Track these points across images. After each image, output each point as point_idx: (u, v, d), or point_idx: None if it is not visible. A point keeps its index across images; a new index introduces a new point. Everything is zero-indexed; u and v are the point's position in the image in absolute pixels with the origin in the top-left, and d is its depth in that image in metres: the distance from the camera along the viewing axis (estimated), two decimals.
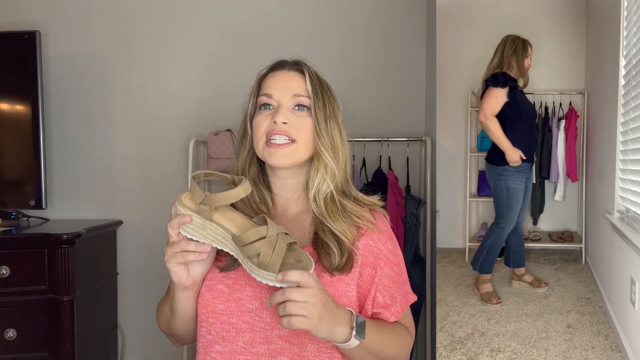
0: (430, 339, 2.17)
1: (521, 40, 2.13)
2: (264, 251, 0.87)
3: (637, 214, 1.70)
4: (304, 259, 0.88)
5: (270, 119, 0.99)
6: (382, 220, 1.06)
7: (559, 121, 2.29)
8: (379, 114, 2.44)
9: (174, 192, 2.42)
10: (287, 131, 0.98)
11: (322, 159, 1.01)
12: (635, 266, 1.65)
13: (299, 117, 1.00)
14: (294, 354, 0.94)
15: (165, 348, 2.40)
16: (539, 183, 2.30)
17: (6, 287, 1.96)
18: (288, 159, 0.99)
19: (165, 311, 1.05)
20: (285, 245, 0.88)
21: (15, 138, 2.25)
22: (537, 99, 2.26)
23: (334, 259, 0.96)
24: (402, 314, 1.04)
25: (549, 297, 2.12)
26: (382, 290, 1.01)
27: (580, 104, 2.30)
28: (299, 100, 1.00)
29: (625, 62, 1.84)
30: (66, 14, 2.49)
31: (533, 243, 2.32)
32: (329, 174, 1.01)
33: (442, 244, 2.29)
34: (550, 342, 1.84)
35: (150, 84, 2.50)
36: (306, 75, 1.02)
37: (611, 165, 1.94)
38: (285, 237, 0.90)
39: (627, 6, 1.83)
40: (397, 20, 2.45)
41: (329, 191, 1.01)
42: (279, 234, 0.89)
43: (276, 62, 1.06)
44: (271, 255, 0.86)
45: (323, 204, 1.01)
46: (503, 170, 2.11)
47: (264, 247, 0.87)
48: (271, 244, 0.87)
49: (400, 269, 1.06)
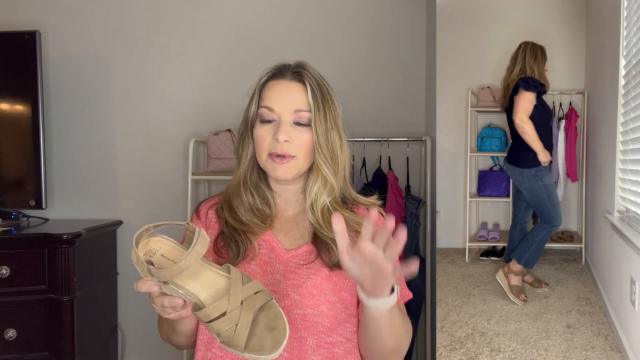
0: (430, 339, 2.16)
1: (539, 47, 2.19)
2: (225, 330, 0.79)
3: (637, 214, 1.70)
4: (278, 324, 0.80)
5: (272, 135, 0.99)
6: (379, 219, 1.06)
7: (559, 121, 2.29)
8: (379, 114, 2.44)
9: (174, 192, 2.45)
10: (287, 150, 0.99)
11: (320, 172, 1.02)
12: (635, 266, 1.65)
13: (299, 133, 1.00)
14: (294, 348, 0.95)
15: (165, 348, 2.39)
16: None
17: (6, 287, 1.96)
18: (289, 173, 1.01)
19: (166, 329, 1.05)
20: (251, 315, 0.80)
21: (15, 138, 2.25)
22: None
23: (334, 256, 0.98)
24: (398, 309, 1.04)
25: (549, 297, 2.12)
26: None
27: (580, 104, 2.30)
28: (299, 116, 1.00)
29: (625, 62, 1.84)
30: (66, 14, 2.49)
31: None
32: (327, 188, 1.02)
33: (442, 244, 2.29)
34: (550, 342, 1.84)
35: (150, 84, 2.50)
36: (307, 87, 1.01)
37: (611, 165, 1.94)
38: (253, 300, 0.81)
39: (627, 6, 1.82)
40: (397, 20, 2.45)
41: (326, 204, 1.03)
42: (244, 302, 0.80)
43: (277, 69, 1.05)
44: (234, 333, 0.78)
45: (320, 214, 1.02)
46: (537, 170, 2.15)
47: (224, 326, 0.79)
48: (233, 321, 0.79)
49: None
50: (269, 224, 1.04)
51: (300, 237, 1.03)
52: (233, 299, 0.80)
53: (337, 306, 0.98)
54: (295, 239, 1.04)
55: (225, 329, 0.79)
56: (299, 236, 1.04)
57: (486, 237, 2.38)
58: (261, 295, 0.83)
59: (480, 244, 2.37)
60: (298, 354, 0.95)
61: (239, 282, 0.82)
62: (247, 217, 1.03)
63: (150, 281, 0.83)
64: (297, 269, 0.99)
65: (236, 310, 0.79)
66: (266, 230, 1.04)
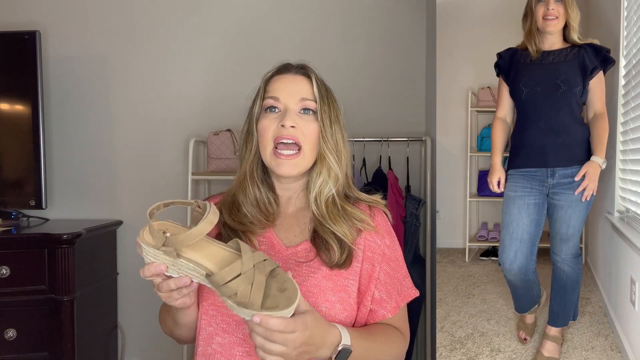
0: (430, 339, 2.17)
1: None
2: (242, 289, 0.81)
3: (637, 214, 1.70)
4: (288, 287, 0.83)
5: (278, 123, 1.00)
6: (380, 216, 1.08)
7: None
8: (379, 114, 2.44)
9: (174, 192, 2.45)
10: (295, 135, 0.99)
11: (326, 162, 1.03)
12: (635, 266, 1.65)
13: (305, 122, 1.01)
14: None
15: (165, 348, 2.40)
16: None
17: (6, 287, 1.96)
18: (295, 169, 1.01)
19: (169, 322, 1.06)
20: (264, 277, 0.83)
21: (15, 138, 2.25)
22: None
23: (333, 255, 0.98)
24: (398, 310, 1.04)
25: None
26: (379, 286, 1.02)
27: None
28: (306, 104, 1.02)
29: (625, 62, 1.84)
30: (66, 14, 2.49)
31: None
32: (332, 177, 1.03)
33: (442, 244, 2.29)
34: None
35: (150, 84, 2.50)
36: (313, 79, 1.04)
37: (611, 165, 1.94)
38: (263, 265, 0.84)
39: (627, 6, 1.82)
40: (397, 20, 2.45)
41: (331, 194, 1.03)
42: (255, 265, 0.83)
43: (282, 65, 1.07)
44: (250, 292, 0.81)
45: (324, 206, 1.02)
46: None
47: (241, 285, 0.82)
48: (248, 280, 0.82)
49: (397, 264, 1.07)
50: (271, 221, 1.05)
51: (300, 234, 1.04)
52: (246, 261, 0.83)
53: (336, 306, 0.98)
54: (295, 235, 1.04)
55: (242, 287, 0.81)
56: (298, 232, 1.04)
57: (486, 237, 2.38)
58: (269, 262, 0.86)
59: (480, 244, 2.37)
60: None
61: (249, 250, 0.85)
62: (252, 213, 1.03)
63: (157, 263, 0.85)
64: (297, 266, 1.00)
65: (250, 271, 0.82)
66: (267, 229, 1.04)
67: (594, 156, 1.53)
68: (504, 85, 1.68)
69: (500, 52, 1.68)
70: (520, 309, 1.78)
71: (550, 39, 1.58)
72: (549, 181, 1.58)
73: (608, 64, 1.57)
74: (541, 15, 1.56)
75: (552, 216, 1.60)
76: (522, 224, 1.59)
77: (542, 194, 1.58)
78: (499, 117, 1.68)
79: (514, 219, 1.60)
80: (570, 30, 1.57)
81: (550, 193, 1.59)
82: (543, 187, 1.58)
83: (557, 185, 1.56)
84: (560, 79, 1.54)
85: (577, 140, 1.56)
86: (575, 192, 1.53)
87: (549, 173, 1.57)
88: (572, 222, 1.57)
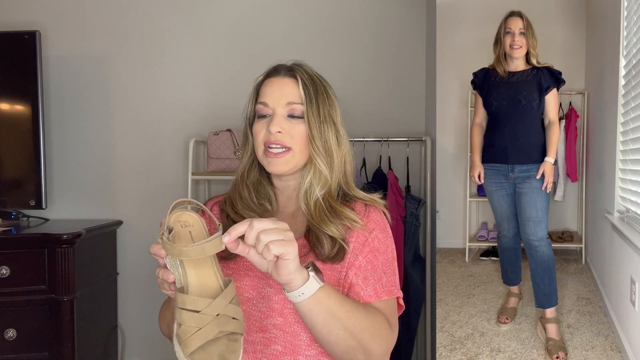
0: (430, 339, 2.17)
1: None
2: (186, 327, 0.76)
3: (637, 214, 1.70)
4: (231, 359, 0.76)
5: (266, 128, 1.02)
6: (375, 212, 1.07)
7: (559, 121, 2.28)
8: (379, 114, 2.44)
9: (174, 192, 2.45)
10: (282, 140, 1.01)
11: (314, 164, 1.04)
12: (635, 266, 1.65)
13: (293, 125, 1.02)
14: (288, 342, 0.96)
15: (165, 348, 2.40)
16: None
17: (6, 287, 1.96)
18: (285, 167, 1.03)
19: (168, 317, 1.06)
20: (216, 332, 0.77)
21: (15, 138, 2.25)
22: None
23: (325, 249, 0.99)
24: (375, 300, 1.00)
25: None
26: (358, 273, 1.00)
27: (580, 104, 2.30)
28: (292, 108, 1.03)
29: (625, 62, 1.84)
30: (66, 14, 2.49)
31: None
32: (321, 180, 1.04)
33: (442, 244, 2.29)
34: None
35: (150, 84, 2.50)
36: (299, 80, 1.04)
37: (611, 165, 1.94)
38: (227, 321, 0.78)
39: (627, 6, 1.82)
40: (397, 20, 2.45)
41: (317, 197, 1.03)
42: (220, 315, 0.78)
43: (272, 68, 1.09)
44: (192, 333, 0.75)
45: (313, 206, 1.03)
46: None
47: (189, 321, 0.76)
48: (199, 323, 0.76)
49: (385, 258, 1.04)
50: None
51: (296, 231, 1.04)
52: (214, 306, 0.78)
53: None
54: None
55: (189, 325, 0.77)
56: (294, 230, 1.04)
57: (486, 237, 2.38)
58: (236, 323, 0.81)
59: (480, 244, 2.37)
60: (292, 348, 0.96)
61: (229, 297, 0.81)
62: (246, 213, 1.05)
63: (160, 247, 0.85)
64: None
65: (209, 317, 0.77)
66: None
67: (547, 157, 1.91)
68: (479, 98, 2.05)
69: (476, 72, 2.04)
70: (509, 281, 2.08)
71: (515, 62, 1.97)
72: (511, 175, 1.96)
73: (560, 83, 1.96)
74: (508, 44, 1.95)
75: (520, 203, 1.97)
76: (504, 209, 2.04)
77: (511, 186, 1.99)
78: (476, 122, 2.06)
79: (498, 206, 2.05)
80: (531, 55, 1.96)
81: (515, 184, 1.98)
82: (508, 179, 1.97)
83: (518, 178, 1.95)
84: (522, 95, 1.94)
85: (532, 143, 1.95)
86: (536, 184, 1.92)
87: (509, 168, 1.95)
88: (538, 205, 1.93)
